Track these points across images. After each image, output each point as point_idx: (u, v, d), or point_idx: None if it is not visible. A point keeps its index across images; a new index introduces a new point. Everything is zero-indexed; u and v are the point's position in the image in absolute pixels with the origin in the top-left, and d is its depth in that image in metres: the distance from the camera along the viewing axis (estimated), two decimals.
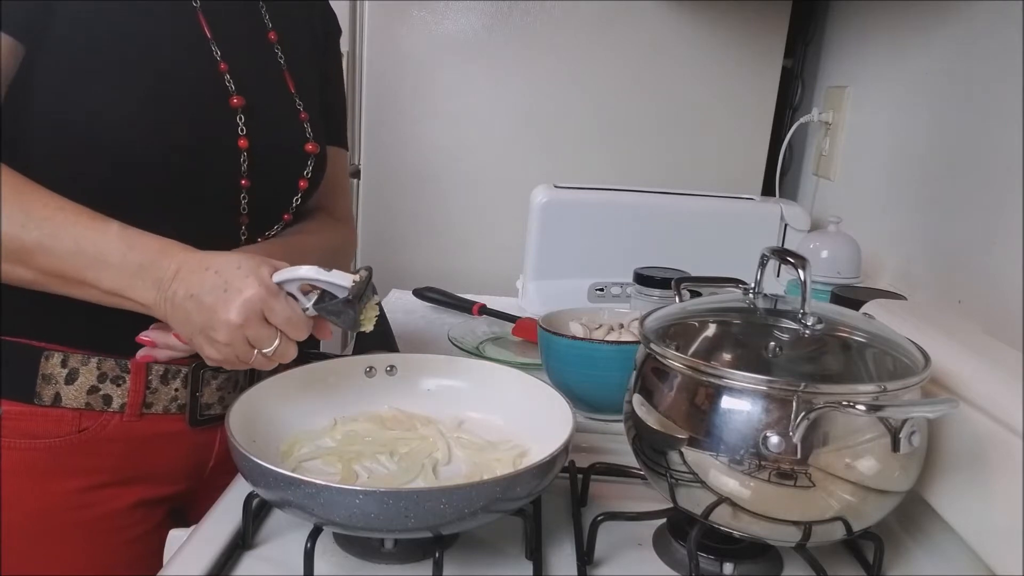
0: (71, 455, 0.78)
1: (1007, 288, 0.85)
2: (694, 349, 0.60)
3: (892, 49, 1.20)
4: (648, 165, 1.50)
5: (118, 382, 0.78)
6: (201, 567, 0.60)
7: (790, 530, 0.58)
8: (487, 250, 1.51)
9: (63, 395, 0.77)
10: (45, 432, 0.77)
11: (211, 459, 0.88)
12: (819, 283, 1.03)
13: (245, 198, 0.82)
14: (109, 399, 0.78)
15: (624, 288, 1.28)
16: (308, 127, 0.89)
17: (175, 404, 0.82)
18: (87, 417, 0.78)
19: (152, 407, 0.80)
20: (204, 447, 0.87)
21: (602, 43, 1.45)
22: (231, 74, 0.80)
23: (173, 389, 0.81)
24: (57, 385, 0.77)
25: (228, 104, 0.79)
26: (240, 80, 0.81)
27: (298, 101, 0.88)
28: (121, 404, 0.79)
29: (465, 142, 1.49)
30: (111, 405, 0.78)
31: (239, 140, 0.80)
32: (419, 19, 1.44)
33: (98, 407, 0.78)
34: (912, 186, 1.10)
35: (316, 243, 0.92)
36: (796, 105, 1.56)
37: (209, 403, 0.84)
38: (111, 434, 0.79)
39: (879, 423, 0.55)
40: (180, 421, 0.82)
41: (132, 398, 0.79)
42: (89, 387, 0.77)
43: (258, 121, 0.82)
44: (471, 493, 0.56)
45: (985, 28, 0.96)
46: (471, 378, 0.79)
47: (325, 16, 0.98)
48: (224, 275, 0.66)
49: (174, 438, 0.83)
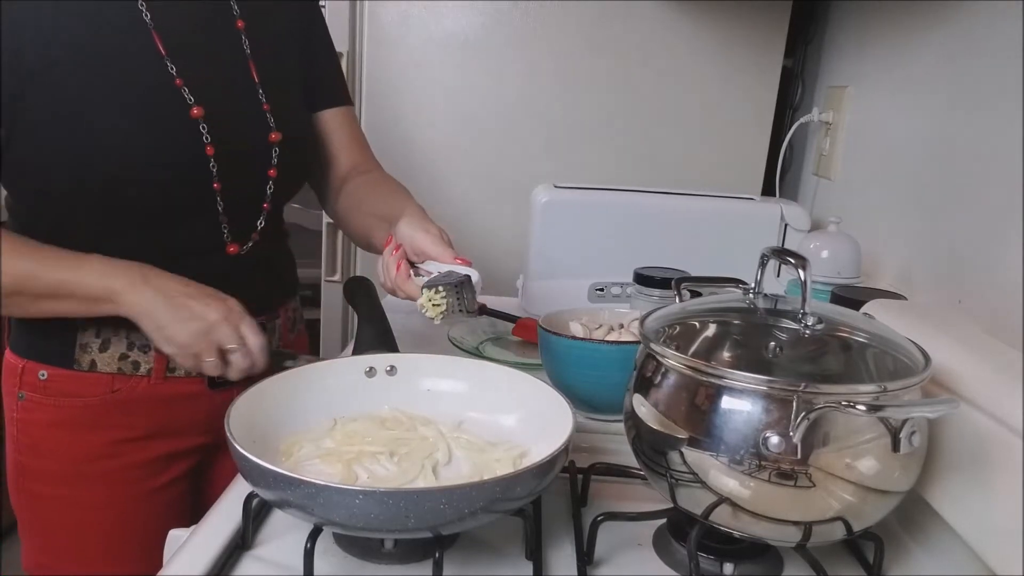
0: (105, 412, 0.89)
1: (1007, 288, 0.85)
2: (694, 349, 0.60)
3: (892, 49, 1.20)
4: (648, 165, 1.50)
5: (145, 350, 0.89)
6: (201, 567, 0.60)
7: (790, 530, 0.58)
8: (487, 250, 1.51)
9: (98, 361, 0.88)
10: (83, 392, 0.88)
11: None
12: (819, 283, 1.03)
13: (220, 202, 0.87)
14: (138, 364, 0.89)
15: (624, 288, 1.28)
16: (271, 117, 0.91)
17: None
18: (119, 380, 0.89)
19: (175, 371, 0.90)
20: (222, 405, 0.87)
21: (602, 43, 1.45)
22: (188, 86, 0.83)
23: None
24: (92, 353, 0.88)
25: (188, 116, 0.83)
26: (198, 89, 0.84)
27: (261, 92, 0.91)
28: (148, 369, 0.89)
29: (465, 142, 1.50)
30: (139, 370, 0.89)
31: (206, 148, 0.84)
32: (419, 19, 1.44)
33: (128, 372, 0.89)
34: (912, 186, 1.10)
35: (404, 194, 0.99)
36: (796, 105, 1.56)
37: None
38: (140, 394, 0.90)
39: (879, 423, 0.55)
40: (200, 383, 0.92)
41: (157, 364, 0.89)
42: (120, 354, 0.88)
43: (221, 124, 0.85)
44: (471, 493, 0.56)
45: (985, 28, 0.96)
46: (471, 378, 0.79)
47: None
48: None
49: (195, 398, 0.93)
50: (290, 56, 0.97)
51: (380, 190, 1.02)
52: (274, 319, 1.00)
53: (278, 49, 0.94)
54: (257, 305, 0.92)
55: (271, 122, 0.91)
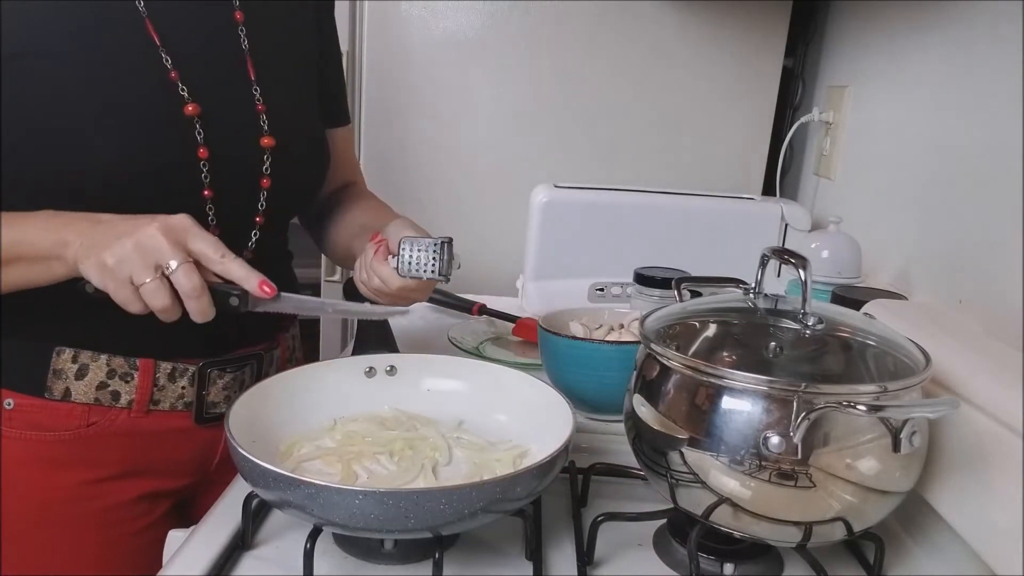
0: (79, 448, 0.80)
1: (1007, 288, 0.85)
2: (694, 349, 0.60)
3: (892, 49, 1.20)
4: (648, 165, 1.50)
5: (127, 379, 0.80)
6: (201, 567, 0.60)
7: (791, 530, 0.58)
8: (487, 250, 1.51)
9: (73, 390, 0.78)
10: (54, 425, 0.79)
11: (216, 455, 0.89)
12: (819, 283, 1.03)
13: (211, 209, 0.79)
14: (117, 395, 0.80)
15: (624, 288, 1.27)
16: (264, 120, 0.83)
17: (182, 402, 0.83)
18: (96, 412, 0.80)
19: (159, 404, 0.82)
20: (210, 443, 0.87)
21: (602, 43, 1.44)
22: (184, 79, 0.76)
23: (180, 387, 0.82)
24: (67, 380, 0.78)
25: (183, 114, 0.76)
26: (193, 84, 0.77)
27: (256, 90, 0.83)
28: (129, 400, 0.80)
29: (465, 142, 1.49)
30: (119, 401, 0.80)
31: (199, 150, 0.77)
32: (419, 19, 1.44)
33: (107, 403, 0.80)
34: (912, 186, 1.10)
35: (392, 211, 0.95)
36: (796, 105, 1.56)
37: (215, 402, 0.85)
38: (118, 429, 0.81)
39: (880, 423, 0.55)
40: (187, 418, 0.84)
41: (140, 395, 0.80)
42: (98, 383, 0.79)
43: (216, 125, 0.78)
44: (471, 493, 0.56)
45: (985, 28, 0.96)
46: (471, 378, 0.79)
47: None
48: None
49: (180, 434, 0.84)
50: (293, 56, 0.90)
51: (370, 204, 0.99)
52: (272, 349, 0.91)
53: (280, 47, 0.87)
54: (252, 332, 0.88)
55: (264, 125, 0.83)
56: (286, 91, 0.87)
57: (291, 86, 0.89)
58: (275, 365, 0.92)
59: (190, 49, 0.78)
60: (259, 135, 0.83)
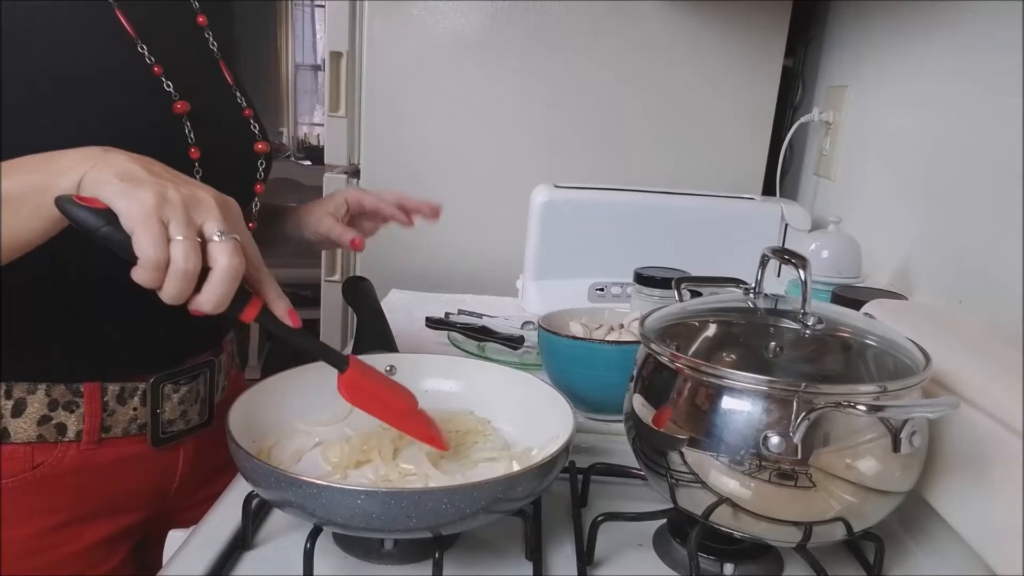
0: (26, 495, 0.70)
1: (1007, 288, 0.85)
2: (694, 349, 0.60)
3: (892, 49, 1.20)
4: (648, 165, 1.50)
5: (71, 408, 0.71)
6: (201, 567, 0.60)
7: (791, 531, 0.58)
8: (487, 250, 1.51)
9: (11, 429, 0.69)
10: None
11: (175, 481, 0.83)
12: (819, 283, 1.03)
13: None
14: (63, 428, 0.71)
15: (624, 288, 1.28)
16: (254, 124, 0.82)
17: (135, 425, 0.76)
18: (41, 451, 0.71)
19: (111, 431, 0.74)
20: (167, 468, 0.81)
21: (602, 43, 1.45)
22: (168, 76, 0.71)
23: (132, 408, 0.75)
24: (3, 420, 0.69)
25: (172, 112, 0.71)
26: (179, 81, 0.71)
27: (239, 96, 0.81)
28: (77, 432, 0.72)
29: (465, 142, 1.49)
30: (66, 434, 0.71)
31: (190, 150, 0.72)
32: (419, 19, 1.44)
33: (52, 438, 0.71)
34: (912, 186, 1.10)
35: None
36: (796, 105, 1.56)
37: (171, 419, 0.79)
38: (68, 466, 0.72)
39: (880, 423, 0.55)
40: (141, 443, 0.76)
41: (88, 424, 0.72)
42: (40, 417, 0.70)
43: (206, 126, 0.73)
44: (472, 493, 0.56)
45: (985, 28, 0.96)
46: (471, 378, 0.79)
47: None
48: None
49: (136, 462, 0.77)
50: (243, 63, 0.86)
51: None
52: (220, 354, 0.86)
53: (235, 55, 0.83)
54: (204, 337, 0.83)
55: (256, 131, 0.80)
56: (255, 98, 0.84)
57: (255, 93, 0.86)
58: (222, 371, 0.86)
59: (167, 46, 0.72)
60: (253, 140, 0.81)
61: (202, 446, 0.84)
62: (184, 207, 0.51)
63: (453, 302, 1.32)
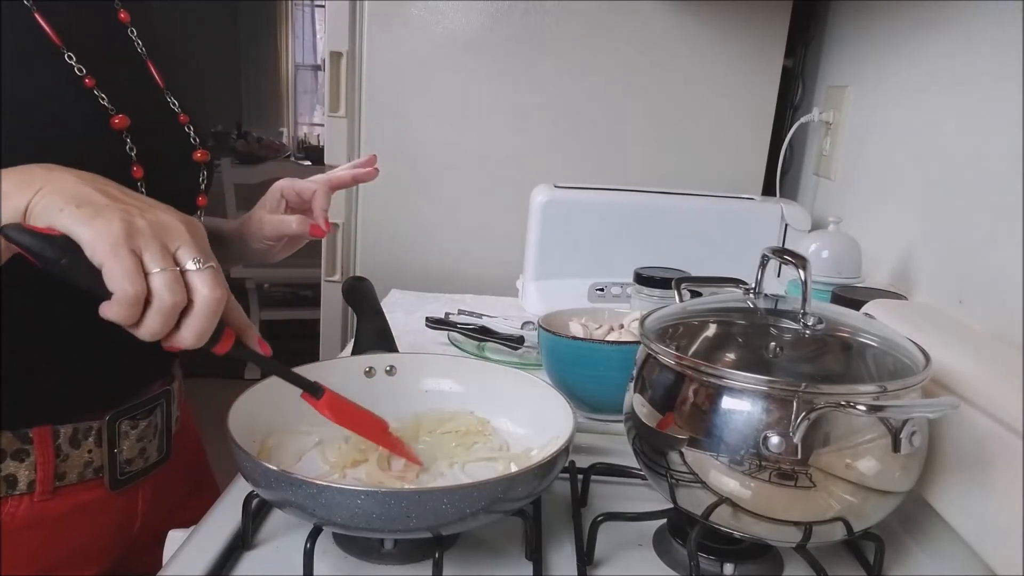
0: None
1: (1007, 288, 0.85)
2: (694, 349, 0.60)
3: (892, 49, 1.20)
4: (648, 165, 1.50)
5: (21, 457, 0.65)
6: (201, 567, 0.60)
7: (791, 531, 0.58)
8: (487, 250, 1.51)
9: None
10: None
11: (136, 524, 0.78)
12: (819, 283, 1.03)
13: None
14: (14, 480, 0.65)
15: (624, 288, 1.27)
16: (191, 130, 0.75)
17: (91, 468, 0.70)
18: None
19: (65, 477, 0.68)
20: (127, 512, 0.76)
21: (602, 43, 1.45)
22: (100, 87, 0.65)
23: (86, 451, 0.69)
24: None
25: (110, 127, 0.65)
26: (111, 91, 0.65)
27: (171, 100, 0.74)
28: (29, 482, 0.66)
29: (465, 142, 1.49)
30: (17, 487, 0.65)
31: (133, 168, 0.66)
32: (419, 19, 1.44)
33: (2, 492, 0.65)
34: (912, 186, 1.10)
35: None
36: (796, 105, 1.56)
37: (130, 458, 0.73)
38: (22, 522, 0.66)
39: (880, 423, 0.55)
40: (98, 487, 0.71)
41: (42, 472, 0.66)
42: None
43: (145, 139, 0.67)
44: (472, 493, 0.56)
45: (985, 28, 0.96)
46: (471, 379, 0.79)
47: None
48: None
49: (94, 508, 0.71)
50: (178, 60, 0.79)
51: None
52: (172, 382, 0.81)
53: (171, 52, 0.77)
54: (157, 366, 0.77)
55: (192, 138, 0.73)
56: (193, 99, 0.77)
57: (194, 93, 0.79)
58: (175, 401, 0.81)
59: (92, 52, 0.66)
60: (190, 148, 0.74)
61: (159, 482, 0.79)
62: (155, 235, 0.47)
63: (453, 302, 1.32)
